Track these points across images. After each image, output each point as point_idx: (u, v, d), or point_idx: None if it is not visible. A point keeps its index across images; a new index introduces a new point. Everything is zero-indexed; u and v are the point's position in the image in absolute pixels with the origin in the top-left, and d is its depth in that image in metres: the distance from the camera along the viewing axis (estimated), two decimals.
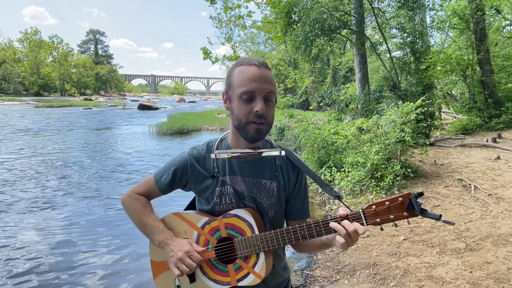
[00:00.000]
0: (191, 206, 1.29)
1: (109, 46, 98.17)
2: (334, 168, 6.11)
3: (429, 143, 7.59)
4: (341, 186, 5.54)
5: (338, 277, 3.09)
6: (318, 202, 5.43)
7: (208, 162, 1.13)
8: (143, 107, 30.98)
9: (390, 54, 9.32)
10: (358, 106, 9.46)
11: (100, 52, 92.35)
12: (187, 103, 53.01)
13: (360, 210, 0.97)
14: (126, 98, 61.92)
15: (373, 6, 9.57)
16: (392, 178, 4.97)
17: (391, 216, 0.94)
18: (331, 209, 5.05)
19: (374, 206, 0.96)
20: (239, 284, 1.07)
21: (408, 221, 0.97)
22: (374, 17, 9.60)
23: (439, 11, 11.99)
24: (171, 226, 1.16)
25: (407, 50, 8.87)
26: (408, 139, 5.11)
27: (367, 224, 0.96)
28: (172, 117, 20.41)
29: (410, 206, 0.92)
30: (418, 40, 8.73)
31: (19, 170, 7.64)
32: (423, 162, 6.15)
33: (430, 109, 8.21)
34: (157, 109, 32.14)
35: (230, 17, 11.83)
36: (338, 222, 0.96)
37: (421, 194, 0.93)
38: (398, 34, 9.77)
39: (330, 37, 8.97)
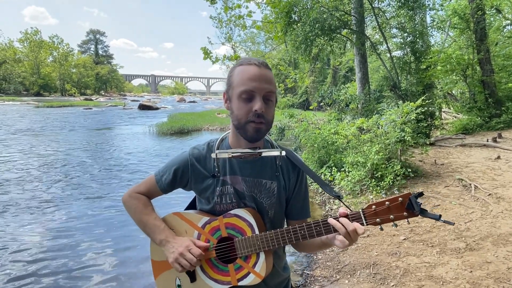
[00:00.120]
0: (192, 206, 1.30)
1: (109, 46, 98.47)
2: (334, 168, 6.12)
3: (429, 143, 7.58)
4: (341, 186, 5.54)
5: (338, 276, 3.09)
6: (318, 202, 5.43)
7: (208, 161, 1.14)
8: (144, 107, 31.00)
9: (390, 54, 9.32)
10: (358, 106, 9.46)
11: (100, 52, 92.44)
12: (188, 103, 52.97)
13: (360, 210, 0.98)
14: (126, 98, 61.94)
15: (373, 5, 9.57)
16: (392, 178, 4.97)
17: (391, 216, 0.95)
18: (331, 209, 5.05)
19: (374, 206, 0.96)
20: (240, 283, 1.07)
21: (408, 221, 0.97)
22: (374, 16, 9.61)
23: (440, 11, 12.03)
24: (172, 226, 1.16)
25: (407, 49, 8.86)
26: (408, 139, 5.11)
27: (367, 224, 0.96)
28: (172, 117, 20.41)
29: (410, 206, 0.93)
30: (418, 39, 8.72)
31: (20, 170, 7.64)
32: (423, 162, 6.15)
33: (430, 109, 8.20)
34: (157, 109, 32.14)
35: (230, 17, 11.84)
36: (338, 221, 0.96)
37: (421, 194, 0.93)
38: (398, 34, 9.79)
39: (330, 37, 8.97)
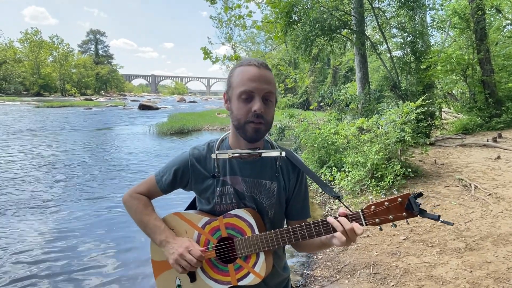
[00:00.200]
0: (192, 206, 1.30)
1: (109, 46, 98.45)
2: (334, 168, 6.12)
3: (429, 143, 7.58)
4: (341, 186, 5.54)
5: (338, 276, 3.09)
6: (318, 202, 5.43)
7: (209, 162, 1.14)
8: (144, 107, 31.01)
9: (390, 54, 9.32)
10: (358, 106, 9.46)
11: (100, 52, 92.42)
12: (188, 103, 52.97)
13: (359, 210, 0.98)
14: (126, 98, 61.95)
15: (373, 5, 9.57)
16: (392, 178, 4.97)
17: (390, 216, 0.95)
18: (331, 209, 5.05)
19: (373, 207, 0.96)
20: (239, 283, 1.08)
21: (407, 221, 0.97)
22: (374, 16, 9.60)
23: (440, 11, 12.02)
24: (172, 226, 1.17)
25: (408, 49, 8.86)
26: (408, 139, 5.11)
27: (366, 224, 0.96)
28: (172, 117, 20.41)
29: (409, 207, 0.93)
30: (418, 39, 8.72)
31: (20, 170, 7.64)
32: (423, 162, 6.15)
33: (430, 108, 8.20)
34: (157, 109, 32.15)
35: (230, 17, 11.84)
36: (336, 220, 0.97)
37: (420, 194, 0.93)
38: (398, 34, 9.78)
39: (330, 37, 8.97)
